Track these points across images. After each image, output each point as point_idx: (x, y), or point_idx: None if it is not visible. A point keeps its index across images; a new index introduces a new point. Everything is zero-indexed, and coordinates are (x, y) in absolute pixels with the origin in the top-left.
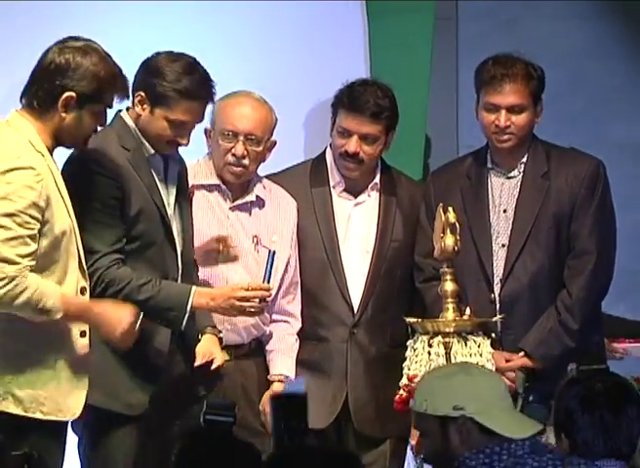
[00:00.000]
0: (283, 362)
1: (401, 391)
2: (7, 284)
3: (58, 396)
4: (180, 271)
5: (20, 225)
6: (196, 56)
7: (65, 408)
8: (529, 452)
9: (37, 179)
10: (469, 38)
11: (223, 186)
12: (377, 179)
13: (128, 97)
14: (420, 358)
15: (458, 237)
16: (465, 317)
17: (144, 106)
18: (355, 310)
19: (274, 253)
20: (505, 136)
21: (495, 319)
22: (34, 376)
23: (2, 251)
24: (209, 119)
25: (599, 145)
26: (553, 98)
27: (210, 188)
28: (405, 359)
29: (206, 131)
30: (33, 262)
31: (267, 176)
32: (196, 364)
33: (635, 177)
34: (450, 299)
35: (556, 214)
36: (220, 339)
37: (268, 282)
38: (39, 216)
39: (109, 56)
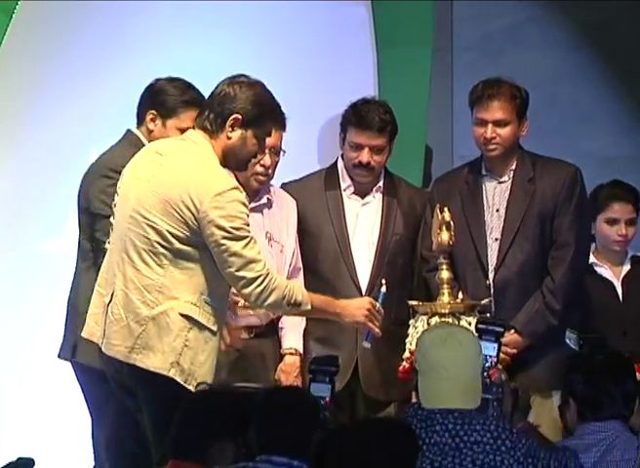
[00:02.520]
0: (292, 337)
1: (404, 363)
2: (262, 281)
3: (205, 376)
4: None
5: (246, 232)
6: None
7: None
8: (437, 412)
9: (243, 195)
10: (462, 65)
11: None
12: (380, 183)
13: (284, 129)
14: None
15: (452, 233)
16: (459, 300)
17: (156, 122)
18: (363, 293)
19: (385, 293)
20: (492, 146)
21: (483, 302)
22: (195, 356)
23: (247, 254)
24: None
25: (570, 156)
26: (532, 116)
27: None
28: (407, 335)
29: None
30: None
31: (287, 183)
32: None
33: (599, 182)
34: (445, 285)
35: (541, 213)
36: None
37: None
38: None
39: (270, 92)
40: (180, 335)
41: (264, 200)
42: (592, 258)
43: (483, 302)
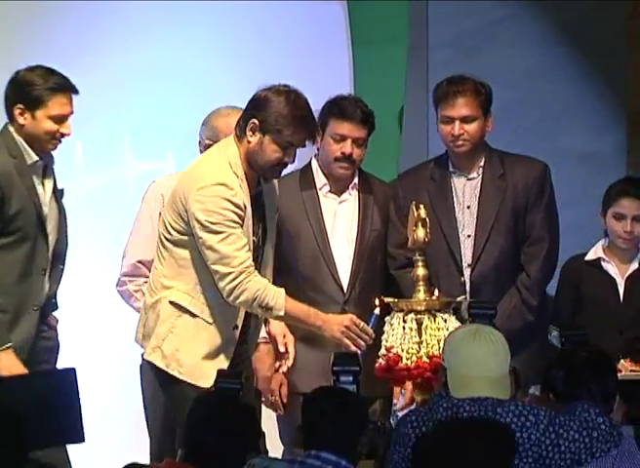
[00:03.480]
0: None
1: (380, 360)
2: (235, 278)
3: (196, 364)
4: (49, 262)
5: (226, 227)
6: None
7: (199, 374)
8: (464, 399)
9: (232, 192)
10: (438, 64)
11: None
12: (355, 180)
13: (313, 140)
14: (396, 331)
15: (428, 230)
16: (434, 297)
17: (25, 116)
18: (345, 290)
19: (378, 316)
20: (460, 143)
21: (459, 299)
22: (183, 343)
23: (220, 249)
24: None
25: (548, 152)
26: (509, 113)
27: None
28: (384, 332)
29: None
30: (248, 254)
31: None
32: (281, 348)
33: (578, 179)
34: (421, 282)
35: (513, 210)
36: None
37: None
38: (238, 219)
39: (303, 102)
40: (167, 322)
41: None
42: (600, 253)
43: (458, 299)
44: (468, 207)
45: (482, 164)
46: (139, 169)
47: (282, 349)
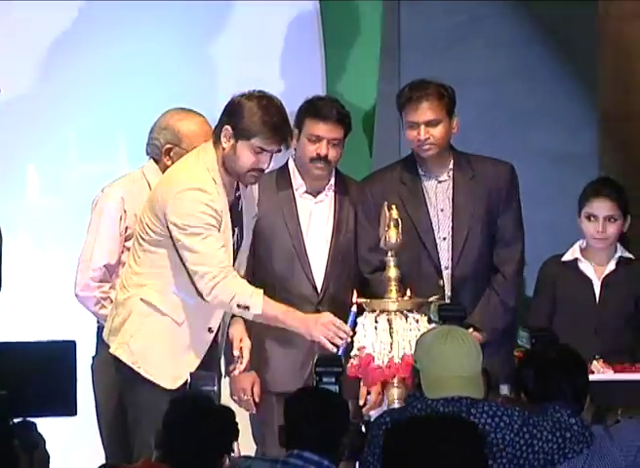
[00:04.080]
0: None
1: (352, 360)
2: (213, 277)
3: (163, 365)
4: None
5: (204, 229)
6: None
7: (167, 375)
8: (438, 399)
9: (209, 197)
10: (410, 64)
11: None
12: (332, 182)
13: (286, 145)
14: (368, 332)
15: (400, 230)
16: (406, 298)
17: None
18: (319, 290)
19: (356, 313)
20: (426, 147)
21: (431, 299)
22: (151, 342)
23: (199, 249)
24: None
25: (520, 152)
26: (482, 113)
27: None
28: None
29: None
30: (227, 255)
31: None
32: (236, 353)
33: (552, 178)
34: (393, 283)
35: (487, 212)
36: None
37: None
38: (215, 224)
39: (276, 107)
40: (136, 319)
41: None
42: (577, 254)
43: (430, 300)
44: (442, 209)
45: (451, 166)
46: (85, 171)
47: (236, 353)
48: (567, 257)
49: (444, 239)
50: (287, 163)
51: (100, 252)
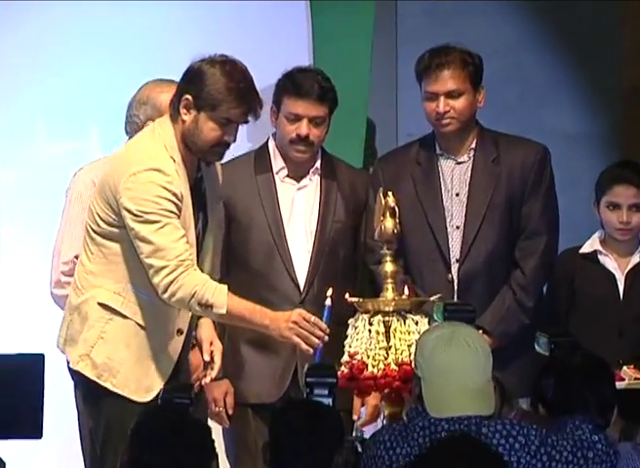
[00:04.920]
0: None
1: (343, 367)
2: (171, 272)
3: (131, 375)
4: None
5: (161, 216)
6: (151, 48)
7: (135, 387)
8: (443, 419)
9: (167, 179)
10: (407, 32)
11: None
12: (317, 164)
13: (254, 114)
14: (361, 336)
15: (397, 220)
16: (404, 296)
17: None
18: (301, 288)
19: (331, 307)
20: (446, 121)
21: (432, 298)
22: (115, 350)
23: (156, 240)
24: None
25: (531, 133)
26: (489, 88)
27: None
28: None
29: None
30: (186, 246)
31: None
32: (206, 357)
33: (564, 163)
34: (389, 280)
35: (508, 198)
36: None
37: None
38: (175, 209)
39: (242, 73)
40: (96, 326)
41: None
42: (597, 246)
43: (432, 299)
44: (457, 194)
45: (473, 146)
46: (54, 151)
47: (206, 358)
48: (585, 249)
49: (457, 228)
50: (267, 143)
51: (69, 242)
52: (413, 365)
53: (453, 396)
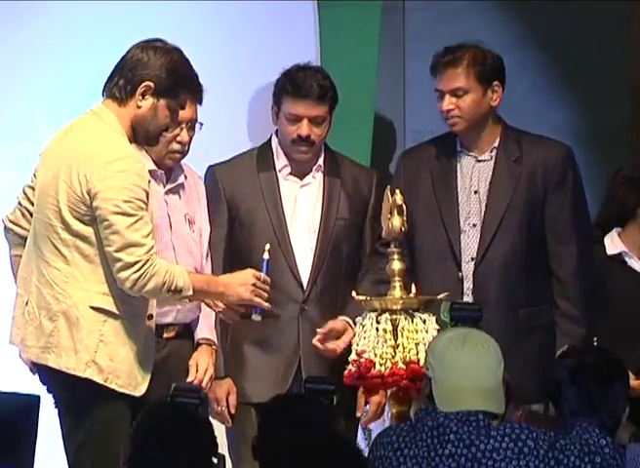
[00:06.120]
0: (206, 328)
1: (350, 366)
2: (141, 267)
3: (130, 372)
4: None
5: (137, 209)
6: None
7: (135, 383)
8: (452, 419)
9: (141, 166)
10: (415, 28)
11: (160, 171)
12: (320, 161)
13: (200, 101)
14: (369, 334)
15: (405, 218)
16: (412, 295)
17: None
18: (305, 287)
19: (268, 260)
20: (452, 120)
21: (440, 296)
22: (115, 350)
23: (128, 236)
24: None
25: (538, 130)
26: None
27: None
28: (354, 335)
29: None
30: (153, 241)
31: (215, 165)
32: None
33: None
34: (397, 278)
35: (528, 199)
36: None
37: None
38: (146, 199)
39: (189, 61)
40: (94, 331)
41: (181, 180)
42: (622, 247)
43: (440, 297)
44: (476, 192)
45: (496, 144)
46: None
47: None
48: (611, 251)
49: (474, 226)
50: (270, 140)
51: None
52: (424, 366)
53: (464, 392)
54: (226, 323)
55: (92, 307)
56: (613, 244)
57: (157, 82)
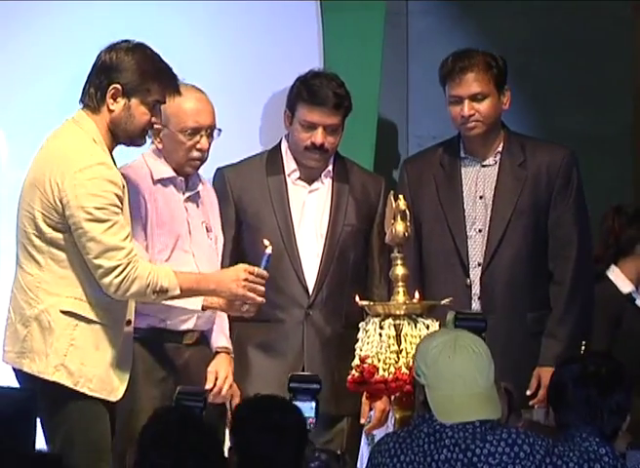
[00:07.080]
0: (222, 337)
1: (354, 371)
2: (122, 270)
3: (105, 376)
4: None
5: (110, 214)
6: (160, 47)
7: (110, 388)
8: (448, 425)
9: (112, 172)
10: (418, 32)
11: (180, 178)
12: (330, 167)
13: (178, 92)
14: (372, 339)
15: (408, 223)
16: (415, 300)
17: None
18: (310, 292)
19: (270, 255)
20: (471, 124)
21: (444, 302)
22: (86, 355)
23: (106, 241)
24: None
25: (544, 134)
26: None
27: (165, 182)
28: (357, 340)
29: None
30: (132, 244)
31: (223, 167)
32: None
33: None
34: (400, 283)
35: (534, 203)
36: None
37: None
38: (120, 204)
39: (157, 54)
40: (64, 334)
41: (199, 187)
42: (630, 286)
43: (443, 302)
44: (481, 197)
45: (500, 149)
46: None
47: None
48: (625, 289)
49: (479, 231)
50: (279, 144)
51: None
52: (415, 374)
53: (461, 401)
54: (231, 327)
55: (62, 311)
56: (623, 282)
57: (124, 83)
